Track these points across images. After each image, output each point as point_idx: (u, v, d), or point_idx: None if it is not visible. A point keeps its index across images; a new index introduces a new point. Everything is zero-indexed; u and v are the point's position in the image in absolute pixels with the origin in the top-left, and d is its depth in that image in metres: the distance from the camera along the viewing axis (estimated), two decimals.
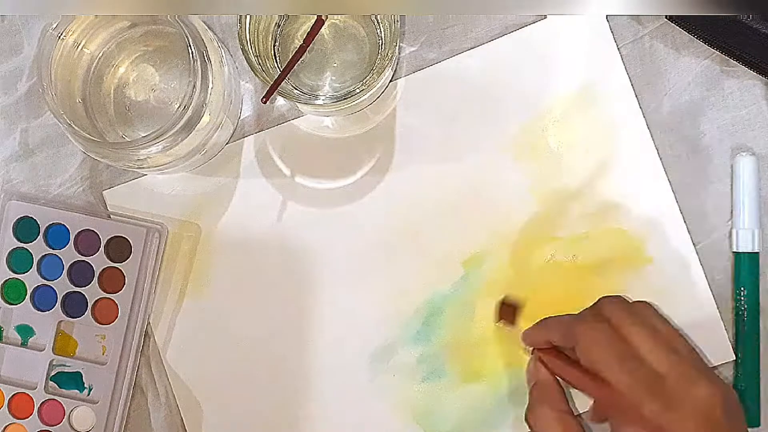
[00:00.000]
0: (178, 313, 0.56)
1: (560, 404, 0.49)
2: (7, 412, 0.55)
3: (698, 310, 0.54)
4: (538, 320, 0.51)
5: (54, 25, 0.49)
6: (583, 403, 0.52)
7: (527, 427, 0.49)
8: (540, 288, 0.54)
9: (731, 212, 0.54)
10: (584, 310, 0.49)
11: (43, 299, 0.56)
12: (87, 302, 0.55)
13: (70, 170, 0.57)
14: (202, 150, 0.52)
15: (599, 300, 0.49)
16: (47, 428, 0.55)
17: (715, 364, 0.53)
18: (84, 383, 0.55)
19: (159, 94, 0.54)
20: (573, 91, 0.55)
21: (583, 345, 0.46)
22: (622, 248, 0.54)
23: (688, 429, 0.43)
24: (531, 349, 0.52)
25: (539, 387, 0.50)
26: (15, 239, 0.55)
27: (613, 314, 0.46)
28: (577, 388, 0.48)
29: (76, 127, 0.48)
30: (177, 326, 0.56)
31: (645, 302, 0.49)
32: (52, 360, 0.55)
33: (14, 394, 0.55)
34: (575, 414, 0.51)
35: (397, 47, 0.49)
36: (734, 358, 0.54)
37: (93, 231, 0.55)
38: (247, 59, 0.49)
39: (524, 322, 0.53)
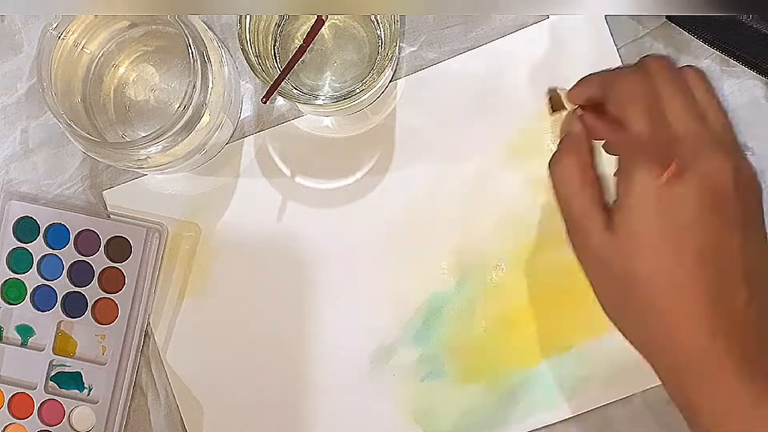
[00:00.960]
0: (178, 313, 0.56)
1: (586, 156, 0.48)
2: (7, 412, 0.55)
3: None
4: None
5: (54, 25, 0.49)
6: None
7: (548, 175, 0.49)
8: (541, 287, 0.54)
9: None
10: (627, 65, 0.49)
11: (43, 299, 0.56)
12: (87, 302, 0.55)
13: (70, 170, 0.57)
14: (202, 150, 0.52)
15: (644, 57, 0.48)
16: (47, 428, 0.55)
17: None
18: (84, 383, 0.56)
19: (159, 94, 0.54)
20: None
21: (615, 91, 0.46)
22: None
23: (691, 199, 0.43)
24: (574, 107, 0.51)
25: (570, 137, 0.49)
26: (15, 239, 0.55)
27: (655, 71, 0.46)
28: (600, 137, 0.48)
29: (76, 127, 0.48)
30: (177, 326, 0.56)
31: (693, 68, 0.49)
32: (52, 360, 0.55)
33: (14, 394, 0.55)
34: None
35: (397, 47, 0.49)
36: None
37: (93, 231, 0.55)
38: (247, 59, 0.49)
39: (533, 320, 0.53)
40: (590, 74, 0.50)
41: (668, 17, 0.53)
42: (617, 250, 0.44)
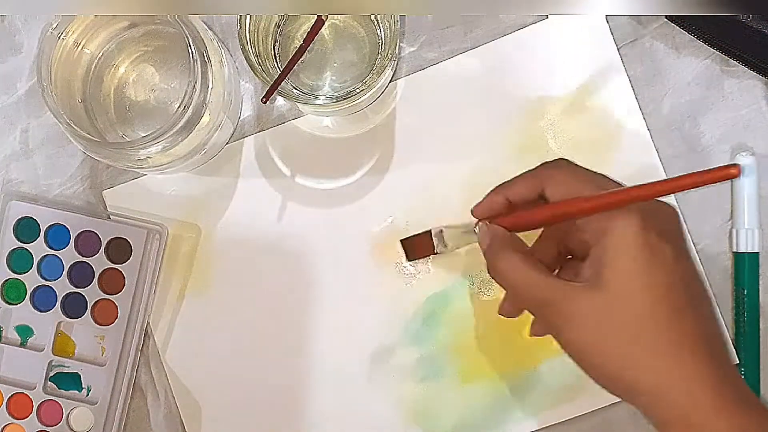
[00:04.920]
0: (178, 314, 0.56)
1: (523, 247, 0.47)
2: (6, 413, 0.55)
3: None
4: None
5: (54, 25, 0.49)
6: None
7: (493, 281, 0.46)
8: None
9: (731, 212, 0.54)
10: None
11: (42, 300, 0.55)
12: (87, 303, 0.55)
13: (70, 170, 0.57)
14: (202, 150, 0.52)
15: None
16: (46, 429, 0.55)
17: None
18: (82, 384, 0.55)
19: (159, 94, 0.54)
20: (573, 91, 0.55)
21: (556, 180, 0.45)
22: None
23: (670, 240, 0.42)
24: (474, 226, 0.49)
25: (496, 240, 0.47)
26: (15, 239, 0.55)
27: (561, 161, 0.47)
28: (551, 221, 0.46)
29: (76, 127, 0.48)
30: (177, 326, 0.56)
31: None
32: (51, 360, 0.55)
33: (13, 395, 0.55)
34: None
35: (397, 47, 0.49)
36: (735, 359, 0.54)
37: (93, 232, 0.55)
38: (247, 59, 0.49)
39: (529, 321, 0.53)
40: (498, 186, 0.48)
41: (668, 17, 0.53)
42: (610, 301, 0.42)
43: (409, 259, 0.52)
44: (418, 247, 0.51)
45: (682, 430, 0.41)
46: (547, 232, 0.49)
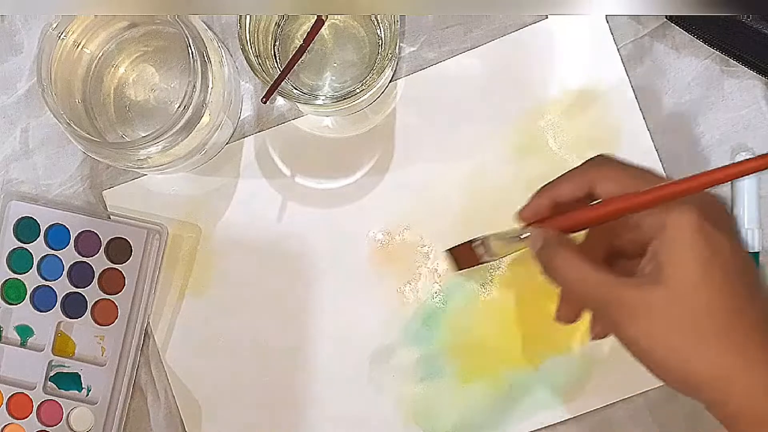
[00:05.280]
0: (178, 313, 0.56)
1: (576, 246, 0.46)
2: (6, 413, 0.55)
3: None
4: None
5: (54, 25, 0.49)
6: None
7: (550, 281, 0.45)
8: (541, 287, 0.54)
9: (731, 212, 0.54)
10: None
11: (42, 300, 0.55)
12: (87, 303, 0.55)
13: (70, 170, 0.57)
14: (202, 150, 0.52)
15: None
16: (46, 429, 0.55)
17: None
18: (82, 384, 0.55)
19: (159, 94, 0.54)
20: (573, 91, 0.55)
21: (607, 176, 0.44)
22: None
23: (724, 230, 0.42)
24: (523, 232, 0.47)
25: (549, 241, 0.45)
26: (15, 239, 0.55)
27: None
28: (607, 218, 0.45)
29: (76, 127, 0.48)
30: (177, 326, 0.56)
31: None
32: (51, 360, 0.55)
33: (13, 395, 0.55)
34: None
35: (397, 47, 0.49)
36: None
37: (93, 232, 0.55)
38: (247, 59, 0.49)
39: (533, 320, 0.53)
40: (546, 184, 0.47)
41: (668, 17, 0.53)
42: (675, 296, 0.42)
43: (456, 270, 0.51)
44: (462, 257, 0.51)
45: (751, 423, 0.41)
46: (593, 233, 0.48)
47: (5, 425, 0.55)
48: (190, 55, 0.48)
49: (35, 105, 0.57)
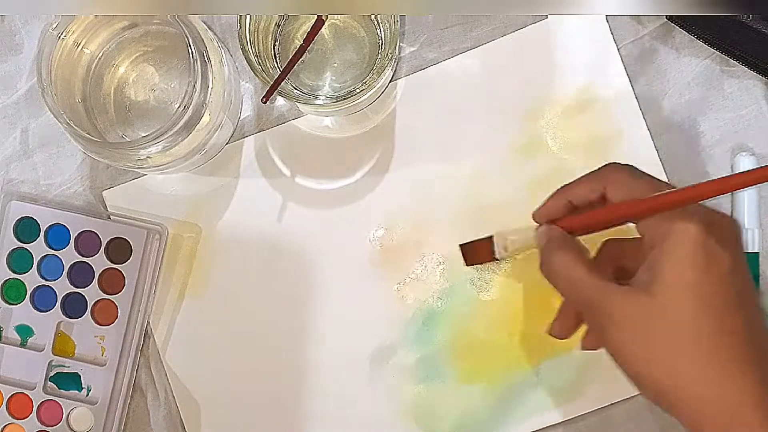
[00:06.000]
0: (178, 313, 0.56)
1: (580, 249, 0.46)
2: (6, 413, 0.55)
3: None
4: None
5: (54, 25, 0.49)
6: None
7: (546, 279, 0.45)
8: (540, 288, 0.54)
9: (731, 212, 0.54)
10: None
11: (42, 300, 0.56)
12: (87, 303, 0.55)
13: (70, 170, 0.57)
14: (202, 150, 0.52)
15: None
16: (46, 429, 0.55)
17: None
18: (82, 384, 0.55)
19: (159, 94, 0.54)
20: (573, 91, 0.55)
21: (617, 180, 0.44)
22: None
23: (727, 246, 0.41)
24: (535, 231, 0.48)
25: (553, 239, 0.46)
26: (15, 239, 0.55)
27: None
28: (610, 221, 0.45)
29: (76, 127, 0.48)
30: (177, 326, 0.56)
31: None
32: (51, 360, 0.55)
33: (13, 394, 0.55)
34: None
35: (397, 47, 0.49)
36: None
37: (93, 232, 0.55)
38: (247, 59, 0.49)
39: (532, 321, 0.53)
40: (561, 187, 0.48)
41: (668, 17, 0.53)
42: (662, 307, 0.41)
43: (467, 264, 0.51)
44: (477, 252, 0.51)
45: None
46: (604, 251, 0.48)
47: (5, 425, 0.55)
48: (190, 55, 0.48)
49: (35, 105, 0.57)
